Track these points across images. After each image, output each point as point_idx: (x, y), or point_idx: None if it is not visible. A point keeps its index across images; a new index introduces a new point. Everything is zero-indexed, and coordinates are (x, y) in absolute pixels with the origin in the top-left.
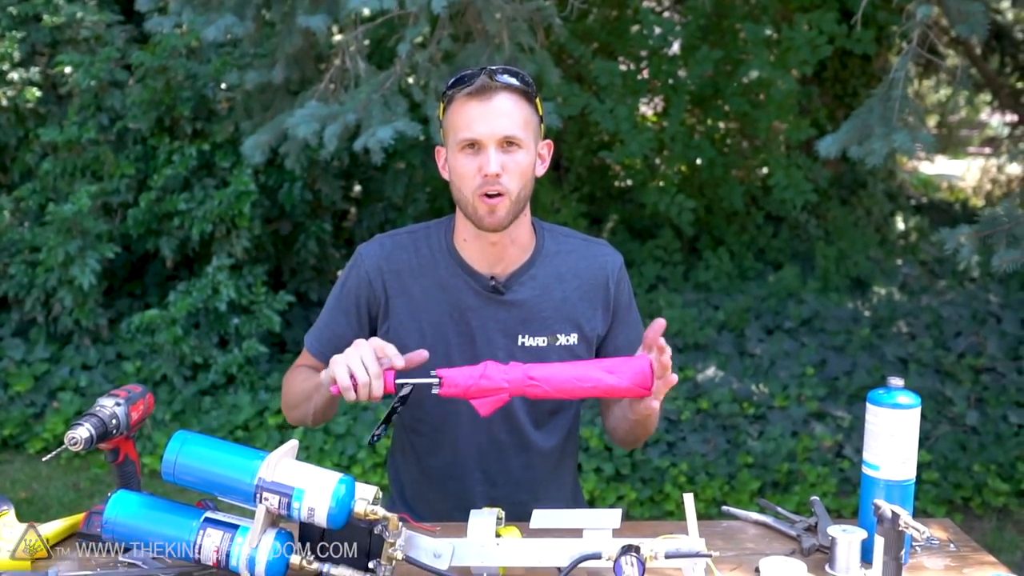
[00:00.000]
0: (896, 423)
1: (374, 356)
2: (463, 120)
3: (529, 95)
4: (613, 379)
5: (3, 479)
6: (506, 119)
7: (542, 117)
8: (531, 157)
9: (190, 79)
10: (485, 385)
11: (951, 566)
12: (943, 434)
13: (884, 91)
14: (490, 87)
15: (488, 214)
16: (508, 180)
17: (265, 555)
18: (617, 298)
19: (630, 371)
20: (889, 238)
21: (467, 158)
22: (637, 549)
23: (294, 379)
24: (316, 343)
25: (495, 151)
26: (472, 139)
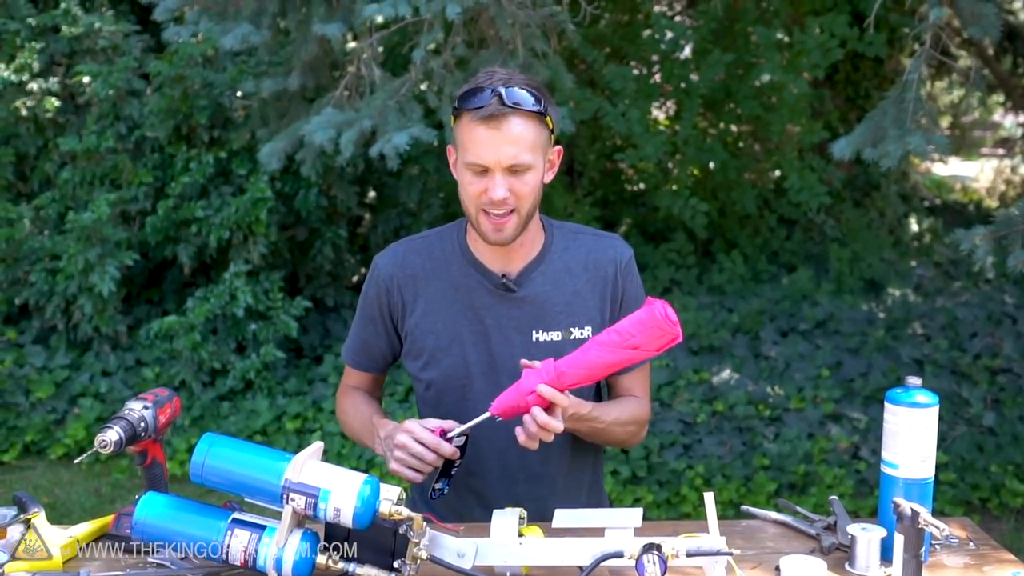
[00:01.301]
0: (915, 422)
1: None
2: (471, 143)
3: (540, 114)
4: (639, 353)
5: (25, 485)
6: (515, 146)
7: (552, 129)
8: (539, 174)
9: (207, 87)
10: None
11: (971, 564)
12: (960, 435)
13: (897, 93)
14: (500, 114)
15: (494, 231)
16: (516, 200)
17: (292, 555)
18: (625, 290)
19: (647, 333)
20: (903, 240)
21: (474, 179)
22: (659, 548)
23: (347, 409)
24: (352, 355)
25: (502, 177)
26: (479, 164)
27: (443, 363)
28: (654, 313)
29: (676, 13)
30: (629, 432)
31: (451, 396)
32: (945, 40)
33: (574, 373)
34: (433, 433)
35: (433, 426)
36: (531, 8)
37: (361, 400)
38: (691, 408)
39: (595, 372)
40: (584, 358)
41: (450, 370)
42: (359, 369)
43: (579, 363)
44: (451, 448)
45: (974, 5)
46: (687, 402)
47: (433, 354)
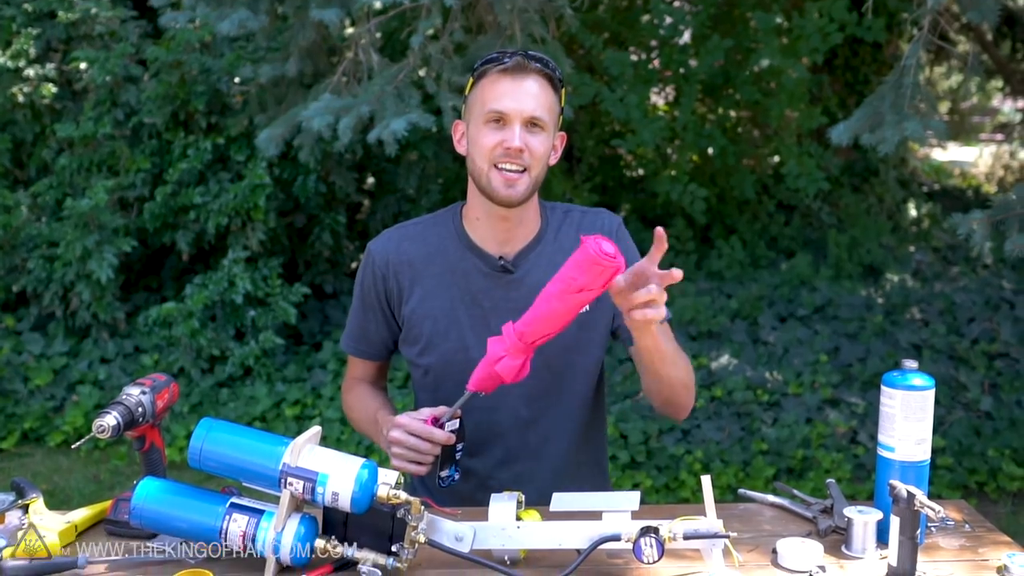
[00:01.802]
0: (911, 404)
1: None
2: (493, 93)
3: (556, 84)
4: (586, 294)
5: (24, 472)
6: (535, 100)
7: (563, 109)
8: (549, 142)
9: (204, 73)
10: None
11: (966, 546)
12: (957, 419)
13: (895, 79)
14: (525, 67)
15: (505, 187)
16: (529, 158)
17: (290, 539)
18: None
19: (587, 272)
20: (902, 225)
21: (491, 131)
22: (656, 531)
23: (353, 404)
24: (352, 343)
25: (520, 128)
26: (501, 111)
27: (441, 348)
28: (588, 251)
29: None
30: (688, 369)
31: (450, 381)
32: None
33: (534, 330)
34: (425, 422)
35: (425, 415)
36: None
37: (366, 394)
38: None
39: (553, 323)
40: (538, 313)
41: (449, 354)
42: (360, 357)
43: (535, 319)
44: (444, 434)
45: None
46: None
47: (431, 339)
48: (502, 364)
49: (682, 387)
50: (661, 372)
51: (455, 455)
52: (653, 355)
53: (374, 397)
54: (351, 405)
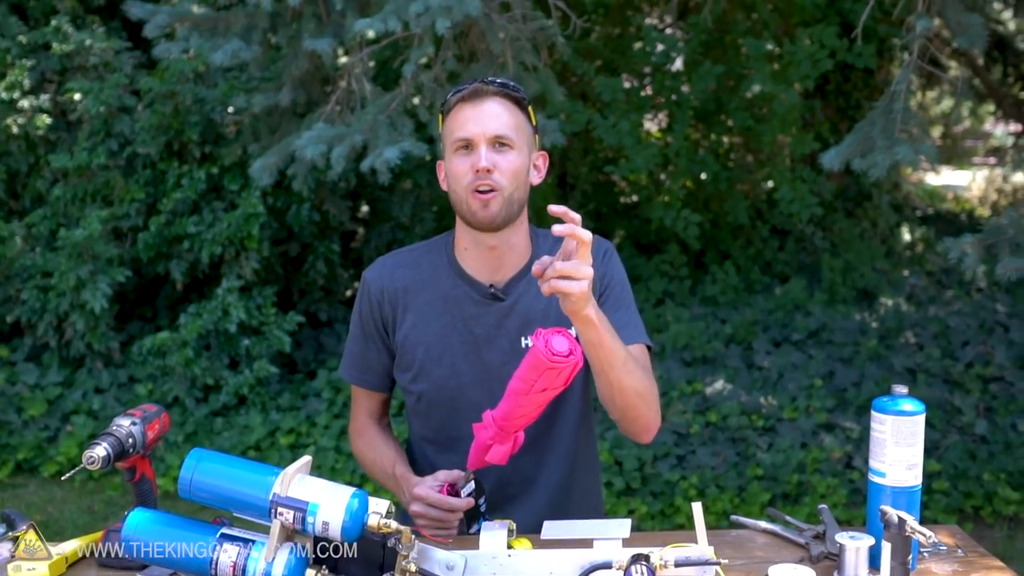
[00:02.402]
0: (901, 430)
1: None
2: (457, 122)
3: (521, 102)
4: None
5: (18, 502)
6: (496, 120)
7: (535, 128)
8: (524, 159)
9: (198, 103)
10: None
11: (958, 571)
12: (952, 443)
13: (886, 104)
14: (483, 91)
15: (480, 208)
16: (500, 177)
17: (280, 569)
18: (605, 275)
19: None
20: (895, 249)
21: (461, 158)
22: (647, 558)
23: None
24: (357, 373)
25: (486, 149)
26: (464, 138)
27: (433, 374)
28: (537, 354)
29: (667, 25)
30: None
31: (442, 408)
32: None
33: (510, 421)
34: (441, 490)
35: (440, 481)
36: (521, 22)
37: (378, 441)
38: (684, 419)
39: (526, 414)
40: (509, 407)
41: (441, 380)
42: (364, 388)
43: (508, 412)
44: (463, 501)
45: (960, 15)
46: (680, 413)
47: (423, 365)
48: (492, 452)
49: (636, 396)
50: (610, 375)
51: (480, 510)
52: (598, 350)
53: (386, 445)
54: (363, 453)
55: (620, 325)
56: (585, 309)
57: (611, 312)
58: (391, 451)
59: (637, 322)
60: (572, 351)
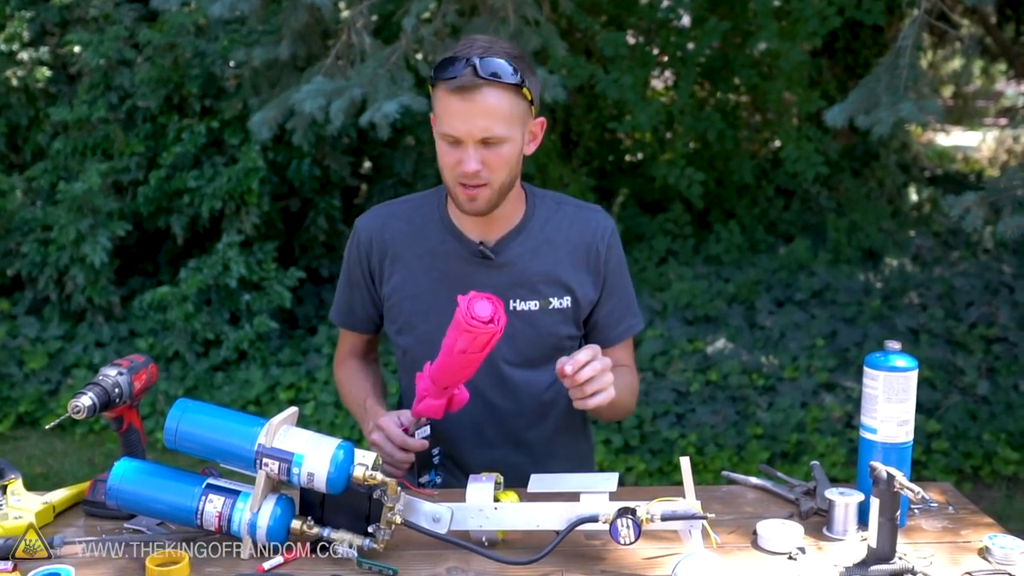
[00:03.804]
0: (893, 386)
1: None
2: (445, 114)
3: (516, 86)
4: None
5: (19, 455)
6: (487, 118)
7: (532, 100)
8: (516, 146)
9: (198, 57)
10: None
11: (948, 528)
12: (953, 404)
13: (892, 60)
14: (473, 84)
15: (468, 202)
16: (489, 173)
17: (266, 520)
18: (607, 263)
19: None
20: (902, 210)
21: (449, 148)
22: (633, 512)
23: (343, 384)
24: (340, 316)
25: (475, 149)
26: (451, 135)
27: (418, 329)
28: (459, 317)
29: None
30: (625, 401)
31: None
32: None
33: (442, 378)
34: (403, 427)
35: (406, 419)
36: None
37: (357, 373)
38: (685, 377)
39: (457, 374)
40: (442, 364)
41: (425, 335)
42: (348, 329)
43: (440, 369)
44: (418, 442)
45: None
46: (681, 371)
47: (408, 320)
48: (424, 404)
49: (610, 412)
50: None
51: (433, 460)
52: (602, 412)
53: (365, 378)
54: (341, 383)
55: (619, 317)
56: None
57: (605, 303)
58: (367, 384)
59: (635, 311)
60: (494, 319)
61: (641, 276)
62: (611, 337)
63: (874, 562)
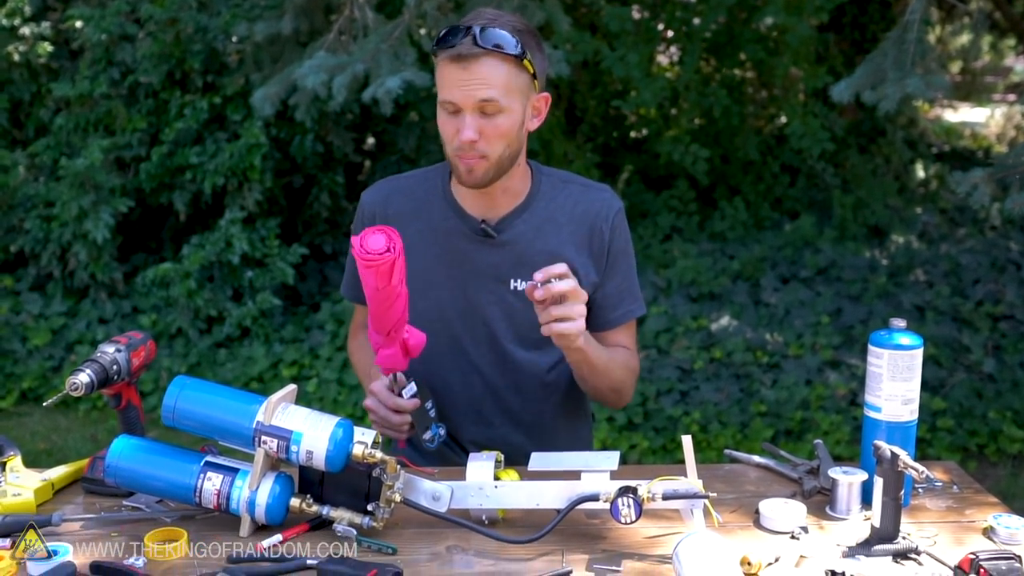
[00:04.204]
0: (898, 364)
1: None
2: (444, 82)
3: (516, 57)
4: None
5: (22, 431)
6: (486, 87)
7: (535, 74)
8: (515, 118)
9: (200, 32)
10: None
11: (953, 507)
12: (959, 381)
13: (899, 34)
14: (472, 53)
15: (466, 173)
16: (486, 145)
17: (265, 498)
18: (611, 244)
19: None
20: (909, 186)
21: (448, 118)
22: (634, 491)
23: (354, 354)
24: (350, 291)
25: (472, 117)
26: (450, 102)
27: (418, 306)
28: (353, 252)
29: None
30: (622, 378)
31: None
32: None
33: (379, 323)
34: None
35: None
36: None
37: (365, 344)
38: (689, 355)
39: (387, 315)
40: (371, 309)
41: (424, 313)
42: (358, 302)
43: (373, 314)
44: (409, 401)
45: None
46: (685, 349)
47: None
48: (381, 355)
49: (611, 392)
50: (590, 381)
51: (429, 414)
52: (582, 368)
53: None
54: (353, 353)
55: (619, 299)
56: (577, 342)
57: (608, 281)
58: None
59: (637, 294)
60: (390, 248)
61: (645, 253)
62: (610, 319)
63: (877, 542)
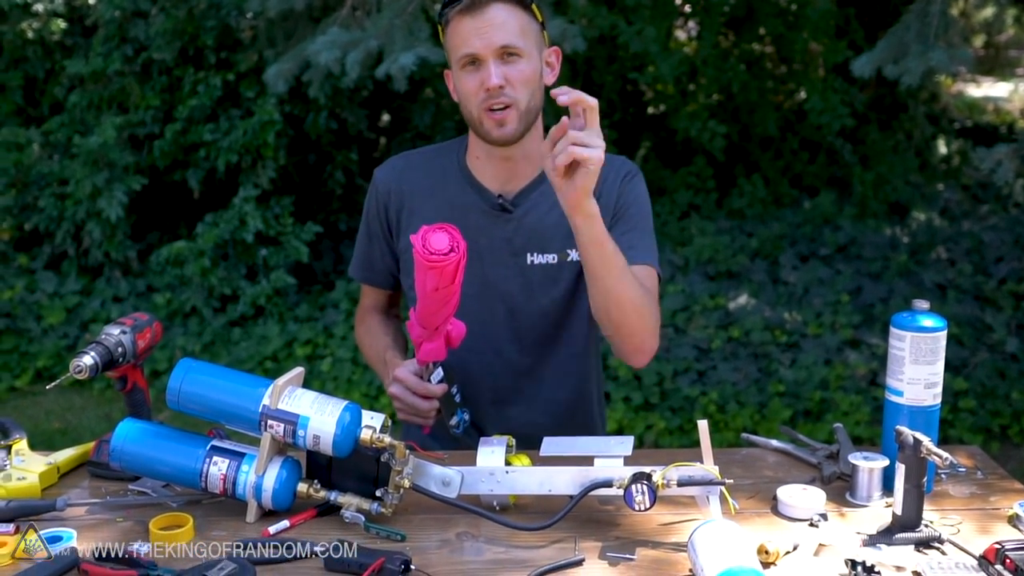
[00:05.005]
0: (921, 347)
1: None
2: (459, 38)
3: (523, 2)
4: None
5: (37, 410)
6: (501, 30)
7: (543, 24)
8: (535, 65)
9: (213, 8)
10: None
11: (977, 494)
12: (981, 361)
13: (922, 7)
14: (481, 2)
15: (496, 127)
16: (512, 91)
17: (271, 483)
18: (620, 197)
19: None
20: (931, 162)
21: (469, 75)
22: (648, 477)
23: (363, 339)
24: (360, 270)
25: (495, 64)
26: (471, 54)
27: None
28: (418, 257)
29: None
30: (641, 295)
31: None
32: None
33: (429, 320)
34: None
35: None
36: None
37: (377, 327)
38: (706, 334)
39: (441, 313)
40: (423, 306)
41: None
42: (368, 284)
43: (423, 312)
44: (438, 387)
45: None
46: (702, 328)
47: None
48: (424, 350)
49: (632, 309)
50: (607, 281)
51: (455, 399)
52: (597, 250)
53: (385, 332)
54: (361, 338)
55: (628, 245)
56: (588, 199)
57: (620, 233)
58: (387, 337)
59: (647, 244)
60: (453, 247)
61: (663, 231)
62: None
63: (899, 530)
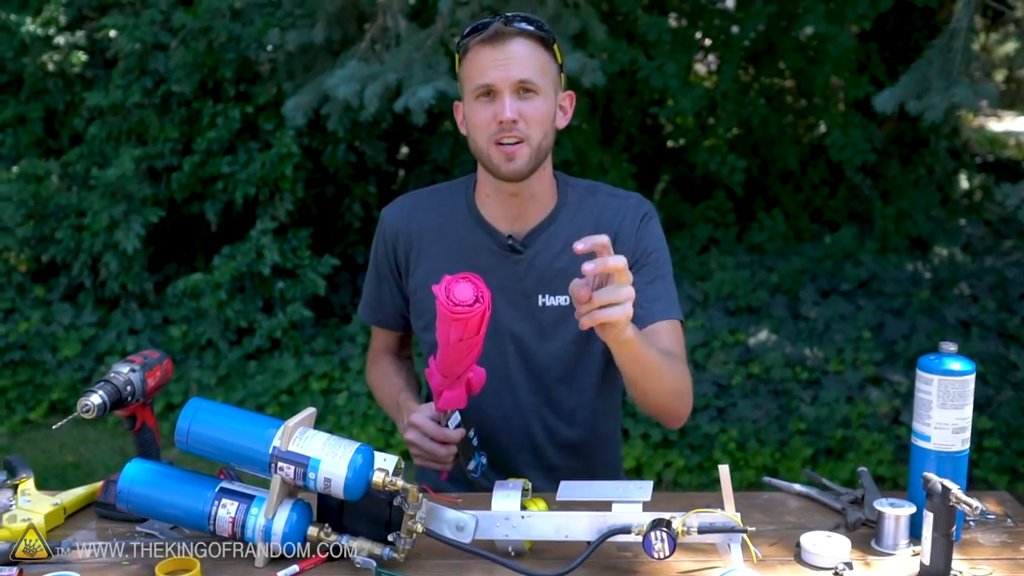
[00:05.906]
0: (948, 391)
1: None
2: (477, 67)
3: (546, 41)
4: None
5: (50, 443)
6: (521, 65)
7: (562, 66)
8: (550, 105)
9: (233, 40)
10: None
11: (1007, 542)
12: (1006, 400)
13: (944, 42)
14: (504, 33)
15: (506, 161)
16: (525, 127)
17: (281, 526)
18: (639, 244)
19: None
20: (952, 197)
21: (482, 106)
22: (668, 524)
23: (375, 381)
24: (370, 312)
25: (510, 98)
26: (487, 85)
27: None
28: (441, 308)
29: None
30: (679, 379)
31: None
32: None
33: (449, 369)
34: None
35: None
36: None
37: (389, 369)
38: (726, 370)
39: (462, 362)
40: (444, 355)
41: None
42: (378, 325)
43: (444, 361)
44: (456, 432)
45: None
46: (722, 364)
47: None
48: (444, 398)
49: (670, 398)
50: (646, 386)
51: (473, 443)
52: (633, 366)
53: (397, 374)
54: (374, 380)
55: (653, 298)
56: (625, 332)
57: (644, 283)
58: (400, 380)
59: (671, 295)
60: (479, 298)
61: (682, 265)
62: (641, 316)
63: None
